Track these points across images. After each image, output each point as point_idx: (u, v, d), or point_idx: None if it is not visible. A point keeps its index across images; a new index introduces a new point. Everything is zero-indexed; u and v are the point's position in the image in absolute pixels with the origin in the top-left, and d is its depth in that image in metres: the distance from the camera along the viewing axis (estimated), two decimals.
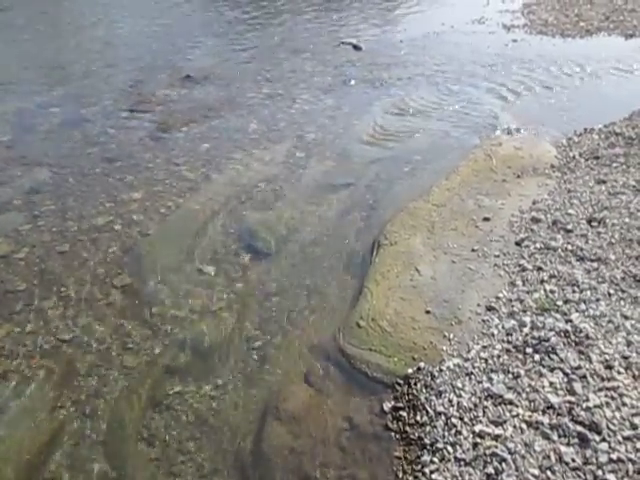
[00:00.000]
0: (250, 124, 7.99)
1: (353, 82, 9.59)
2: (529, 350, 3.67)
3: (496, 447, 3.08)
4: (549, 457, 2.98)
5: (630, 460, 2.87)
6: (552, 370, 3.48)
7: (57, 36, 12.76)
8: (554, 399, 3.27)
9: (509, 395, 3.36)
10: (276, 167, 6.74)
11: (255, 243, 5.31)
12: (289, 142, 7.38)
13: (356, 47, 11.55)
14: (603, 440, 2.99)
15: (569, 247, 4.67)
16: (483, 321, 4.05)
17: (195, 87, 9.45)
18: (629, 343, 3.58)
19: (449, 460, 3.11)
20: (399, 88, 9.26)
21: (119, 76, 9.96)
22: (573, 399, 3.24)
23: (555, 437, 3.07)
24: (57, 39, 12.52)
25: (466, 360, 3.72)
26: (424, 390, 3.57)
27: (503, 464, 2.99)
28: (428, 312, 4.19)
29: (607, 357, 3.49)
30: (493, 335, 3.89)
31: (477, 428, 3.21)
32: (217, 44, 11.99)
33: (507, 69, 9.93)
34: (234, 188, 6.27)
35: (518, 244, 4.87)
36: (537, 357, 3.60)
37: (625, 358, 3.47)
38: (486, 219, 5.30)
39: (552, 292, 4.18)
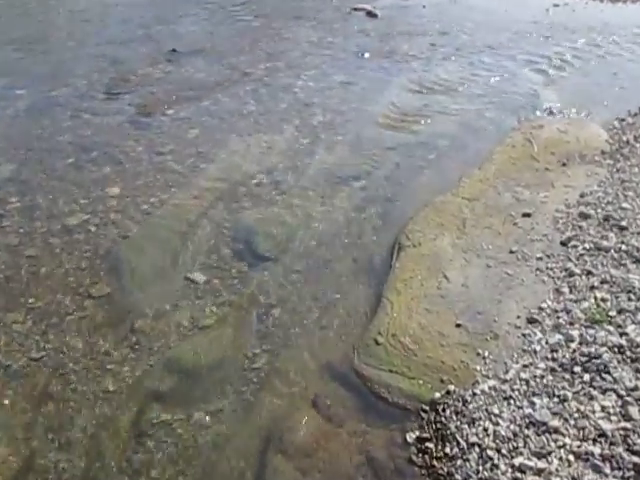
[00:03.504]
0: (246, 105, 8.02)
1: (367, 55, 9.61)
2: (577, 369, 3.66)
3: None
4: None
5: None
6: (604, 392, 3.47)
7: (23, 10, 12.85)
8: (607, 426, 3.26)
9: (554, 422, 3.36)
10: (277, 156, 6.76)
11: (253, 246, 5.34)
12: (292, 126, 7.41)
13: (370, 14, 11.58)
14: None
15: (623, 247, 4.66)
16: (523, 335, 4.05)
17: (182, 63, 9.50)
18: None
19: None
20: (422, 62, 9.28)
21: (94, 52, 10.03)
22: (629, 425, 3.24)
23: (608, 470, 3.07)
24: (23, 13, 12.62)
25: (504, 382, 3.72)
26: (455, 417, 3.58)
27: None
28: (459, 326, 4.19)
29: None
30: (535, 352, 3.89)
31: (517, 461, 3.21)
32: (207, 12, 12.05)
33: (548, 38, 9.92)
34: (228, 181, 6.30)
35: (564, 244, 4.86)
36: (587, 377, 3.59)
37: None
38: (526, 215, 5.29)
39: (604, 301, 4.17)
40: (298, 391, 3.98)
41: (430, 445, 3.49)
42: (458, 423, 3.54)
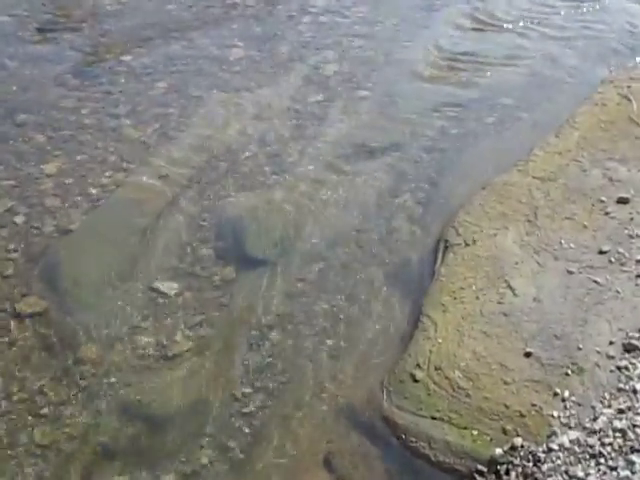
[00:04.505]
0: (233, 49, 8.02)
1: None
2: None
3: None
4: None
5: None
6: None
7: None
8: None
9: None
10: (276, 119, 6.76)
11: (243, 244, 5.35)
12: (297, 78, 7.40)
13: None
14: None
15: None
16: (618, 369, 4.03)
17: None
18: None
19: None
20: None
21: None
22: None
23: None
24: None
25: (591, 433, 3.70)
26: None
27: None
28: (529, 355, 4.17)
29: None
30: (635, 392, 3.86)
31: None
32: None
33: None
34: (208, 154, 6.31)
35: None
36: None
37: None
38: (622, 201, 5.26)
39: None
40: (305, 446, 3.98)
41: None
42: None
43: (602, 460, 3.55)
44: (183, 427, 4.11)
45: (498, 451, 3.73)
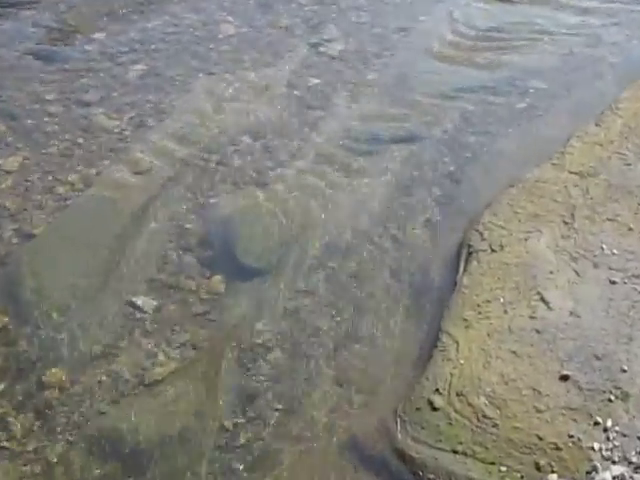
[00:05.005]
0: (222, 25, 8.03)
1: None
2: None
3: None
4: None
5: None
6: None
7: None
8: None
9: None
10: (272, 106, 6.78)
11: (233, 251, 5.34)
12: (296, 57, 7.41)
13: None
14: None
15: None
16: None
17: None
18: None
19: None
20: None
21: None
22: None
23: None
24: None
25: (638, 468, 3.69)
26: None
27: None
28: (565, 378, 4.17)
29: None
30: None
31: None
32: None
33: None
34: (193, 147, 6.32)
35: None
36: None
37: None
38: None
39: None
40: None
41: None
42: None
43: None
44: (165, 463, 4.10)
45: None
